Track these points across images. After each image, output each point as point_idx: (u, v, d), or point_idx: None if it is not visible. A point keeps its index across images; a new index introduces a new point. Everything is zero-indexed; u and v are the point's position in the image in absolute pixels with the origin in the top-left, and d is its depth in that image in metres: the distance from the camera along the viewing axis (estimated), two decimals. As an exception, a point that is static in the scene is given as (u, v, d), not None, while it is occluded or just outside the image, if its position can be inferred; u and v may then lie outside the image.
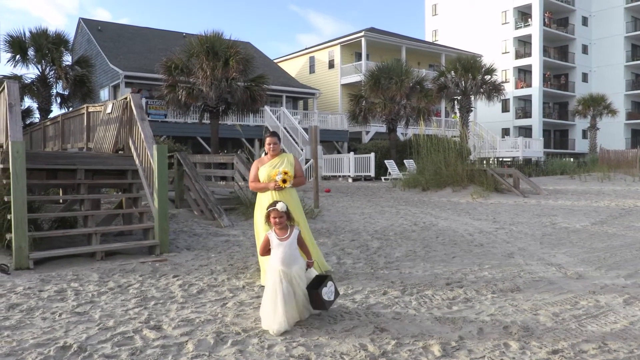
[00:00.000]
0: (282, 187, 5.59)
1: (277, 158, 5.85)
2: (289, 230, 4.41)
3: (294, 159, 5.91)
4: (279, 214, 4.35)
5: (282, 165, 5.73)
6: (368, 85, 25.24)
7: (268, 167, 5.79)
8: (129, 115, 9.03)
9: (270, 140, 5.85)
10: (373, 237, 8.96)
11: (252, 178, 5.92)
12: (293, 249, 4.34)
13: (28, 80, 22.17)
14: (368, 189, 18.54)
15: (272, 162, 5.83)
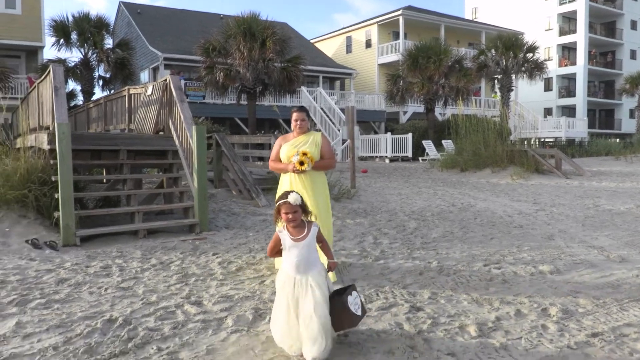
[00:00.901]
0: (300, 169, 4.94)
1: (302, 136, 5.17)
2: (306, 227, 3.45)
3: (321, 139, 5.21)
4: (292, 208, 3.37)
5: (305, 145, 5.06)
6: (406, 65, 24.91)
7: (290, 145, 5.13)
8: (169, 97, 9.19)
9: (298, 116, 5.17)
10: (410, 217, 8.94)
11: (272, 156, 5.30)
12: (311, 251, 3.41)
13: (72, 63, 22.78)
14: (405, 170, 18.43)
15: (296, 140, 5.16)
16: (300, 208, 3.40)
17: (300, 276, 3.34)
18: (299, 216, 3.41)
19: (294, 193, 3.42)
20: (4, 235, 6.60)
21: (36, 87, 10.10)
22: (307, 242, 3.40)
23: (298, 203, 3.38)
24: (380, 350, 3.40)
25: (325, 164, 5.20)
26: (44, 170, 7.44)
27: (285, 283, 3.36)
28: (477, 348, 3.45)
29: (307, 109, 5.33)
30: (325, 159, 5.20)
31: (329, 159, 5.24)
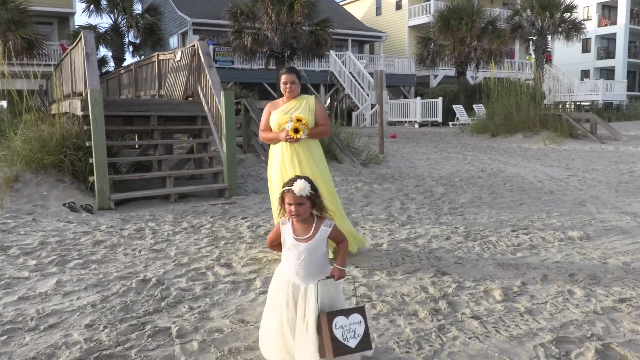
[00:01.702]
0: (295, 138, 4.46)
1: (293, 101, 4.66)
2: (314, 226, 2.71)
3: (315, 103, 4.71)
4: (296, 199, 2.62)
5: (298, 111, 4.58)
6: (437, 27, 24.33)
7: (280, 112, 4.63)
8: (197, 63, 9.24)
9: (287, 78, 4.60)
10: (438, 182, 8.90)
11: (262, 126, 4.77)
12: (318, 256, 2.68)
13: (102, 29, 22.97)
14: (434, 135, 18.24)
15: (286, 106, 4.66)
16: (308, 200, 2.65)
17: (299, 283, 2.69)
18: (305, 210, 2.65)
19: (302, 180, 2.65)
20: (42, 198, 6.84)
21: (68, 53, 10.26)
22: (312, 245, 2.67)
23: (305, 194, 2.62)
24: (404, 313, 3.47)
25: (320, 131, 4.72)
26: (79, 135, 7.64)
27: (281, 288, 2.74)
28: (502, 312, 3.48)
29: (297, 70, 4.78)
30: (319, 125, 4.72)
31: (324, 125, 4.74)
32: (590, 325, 3.27)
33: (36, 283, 4.03)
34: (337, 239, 2.80)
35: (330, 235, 2.73)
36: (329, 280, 2.68)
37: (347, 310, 2.60)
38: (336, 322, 2.54)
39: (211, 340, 3.06)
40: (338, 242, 2.81)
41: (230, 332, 3.18)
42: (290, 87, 4.62)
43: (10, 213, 6.22)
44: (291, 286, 2.69)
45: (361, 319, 2.59)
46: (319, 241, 2.67)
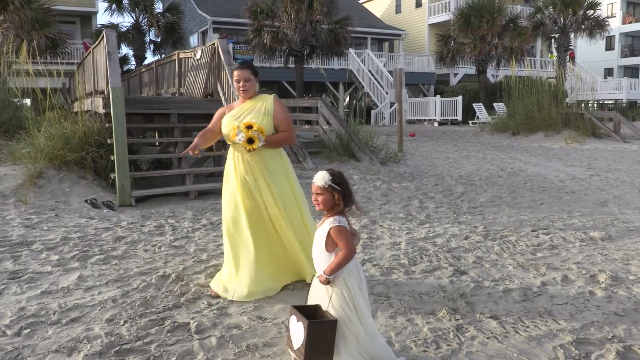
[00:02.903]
0: (251, 149, 3.66)
1: (248, 103, 3.86)
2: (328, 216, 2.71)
3: (274, 104, 3.85)
4: (316, 188, 2.69)
5: (250, 115, 3.75)
6: (457, 25, 24.18)
7: (230, 117, 3.82)
8: (217, 61, 9.30)
9: (239, 75, 3.80)
10: (457, 181, 8.84)
11: (210, 125, 4.01)
12: (319, 248, 2.71)
13: (124, 28, 23.25)
14: (454, 133, 18.11)
15: (239, 109, 3.84)
16: (328, 192, 2.64)
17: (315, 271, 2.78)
18: (324, 201, 2.65)
19: (323, 172, 2.68)
20: (65, 195, 6.95)
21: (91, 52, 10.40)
22: (317, 235, 2.74)
23: (323, 184, 2.63)
24: (421, 312, 3.46)
25: (281, 138, 3.84)
26: (100, 133, 7.74)
27: None
28: (521, 312, 3.45)
29: (252, 65, 3.97)
30: (280, 132, 3.83)
31: (286, 131, 3.85)
32: (612, 327, 3.22)
33: (58, 278, 4.11)
34: (338, 243, 2.64)
35: (332, 235, 2.63)
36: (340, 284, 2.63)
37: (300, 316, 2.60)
38: (292, 317, 2.69)
39: (229, 336, 3.09)
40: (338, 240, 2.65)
41: (248, 328, 3.21)
42: (244, 86, 3.80)
43: (33, 209, 6.33)
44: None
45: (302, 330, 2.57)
46: (321, 235, 2.69)
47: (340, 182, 2.66)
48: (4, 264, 4.40)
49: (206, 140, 3.92)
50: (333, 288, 2.63)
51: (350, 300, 2.61)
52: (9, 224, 5.67)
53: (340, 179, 2.67)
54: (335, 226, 2.62)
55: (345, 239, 2.62)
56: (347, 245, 2.62)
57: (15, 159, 7.53)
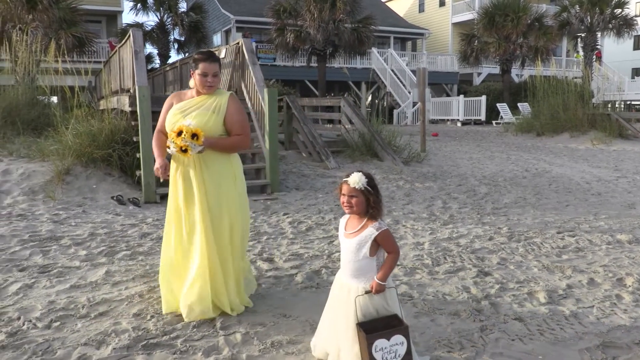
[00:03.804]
0: (186, 157, 3.24)
1: (202, 97, 3.38)
2: (364, 222, 2.59)
3: (229, 102, 3.38)
4: (350, 190, 2.55)
5: (197, 112, 3.31)
6: (481, 24, 23.93)
7: (177, 110, 3.38)
8: (241, 60, 9.37)
9: (208, 69, 3.29)
10: (481, 182, 8.77)
11: (158, 124, 3.54)
12: (361, 257, 2.57)
13: (148, 27, 23.53)
14: (477, 133, 17.94)
15: (188, 102, 3.39)
16: (363, 195, 2.54)
17: (346, 280, 2.64)
18: (358, 203, 2.55)
19: (359, 173, 2.55)
20: (92, 191, 7.08)
21: (117, 51, 10.56)
22: (354, 242, 2.58)
23: (359, 187, 2.52)
24: (445, 312, 3.45)
25: (233, 143, 3.38)
26: (126, 131, 7.86)
27: (335, 279, 2.76)
28: (546, 314, 3.42)
29: (219, 58, 3.46)
30: (232, 135, 3.38)
31: (239, 135, 3.38)
32: (639, 331, 3.18)
33: (87, 272, 4.19)
34: (386, 247, 2.58)
35: (378, 240, 2.54)
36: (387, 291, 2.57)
37: (389, 332, 2.49)
38: (376, 345, 2.45)
39: (254, 333, 3.12)
40: (387, 252, 2.59)
41: (272, 325, 3.24)
42: (211, 81, 3.33)
43: (61, 205, 6.46)
44: (338, 281, 2.69)
45: (403, 340, 2.51)
46: (361, 240, 2.56)
47: (375, 185, 2.59)
48: (34, 258, 4.51)
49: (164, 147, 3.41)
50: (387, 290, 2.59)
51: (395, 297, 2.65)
52: (38, 219, 5.80)
53: (374, 182, 2.60)
54: (383, 230, 2.55)
55: (393, 241, 2.61)
56: (396, 247, 2.61)
57: (44, 155, 7.68)
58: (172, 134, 3.19)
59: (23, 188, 6.84)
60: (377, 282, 2.54)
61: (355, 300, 2.54)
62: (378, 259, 2.59)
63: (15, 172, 7.20)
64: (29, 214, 6.01)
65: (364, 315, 2.55)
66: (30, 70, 10.96)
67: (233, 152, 3.43)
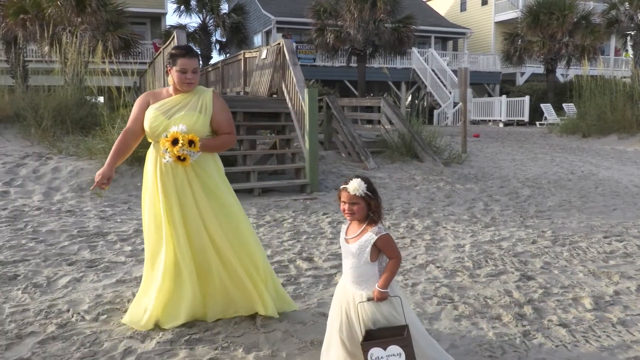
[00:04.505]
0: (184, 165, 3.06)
1: (182, 96, 3.17)
2: (364, 227, 2.52)
3: (213, 100, 3.19)
4: (351, 198, 2.49)
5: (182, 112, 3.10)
6: (525, 22, 23.39)
7: (156, 110, 3.13)
8: (282, 60, 9.45)
9: (187, 65, 3.08)
10: (524, 184, 8.59)
11: (129, 123, 3.25)
12: (362, 263, 2.50)
13: (191, 29, 23.98)
14: (520, 135, 17.57)
15: (169, 102, 3.16)
16: (364, 201, 2.48)
17: (350, 287, 2.58)
18: (359, 210, 2.49)
19: (358, 180, 2.49)
20: (136, 189, 7.27)
21: (162, 52, 10.80)
22: (354, 248, 2.51)
23: (359, 193, 2.46)
24: (487, 316, 3.40)
25: (223, 143, 3.25)
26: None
27: (338, 285, 2.70)
28: (592, 321, 3.33)
29: (198, 54, 3.27)
30: (222, 134, 3.22)
31: (228, 133, 3.24)
32: (692, 341, 3.06)
33: (132, 268, 4.31)
34: (386, 252, 2.50)
35: (378, 245, 2.48)
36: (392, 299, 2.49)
37: (385, 341, 2.41)
38: (372, 353, 2.40)
39: (294, 331, 3.15)
40: (388, 258, 2.51)
41: (312, 324, 3.26)
42: (191, 78, 3.11)
43: (108, 202, 6.66)
44: (342, 287, 2.63)
45: (400, 351, 2.39)
46: (361, 245, 2.49)
47: (374, 189, 2.53)
48: (82, 253, 4.67)
49: (125, 152, 3.24)
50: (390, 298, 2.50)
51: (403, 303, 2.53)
52: (86, 215, 6.00)
53: (373, 187, 2.53)
54: (383, 235, 2.48)
55: (394, 246, 2.53)
56: (397, 252, 2.53)
57: (91, 154, 7.93)
58: (165, 143, 2.97)
59: (72, 185, 7.09)
60: (378, 290, 2.46)
61: (357, 306, 2.49)
62: (380, 264, 2.52)
63: (64, 170, 7.47)
64: (77, 210, 6.22)
65: (373, 322, 2.48)
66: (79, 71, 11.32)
67: (221, 151, 3.31)
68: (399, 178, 8.87)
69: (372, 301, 2.47)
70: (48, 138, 8.70)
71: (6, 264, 4.30)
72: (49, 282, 3.94)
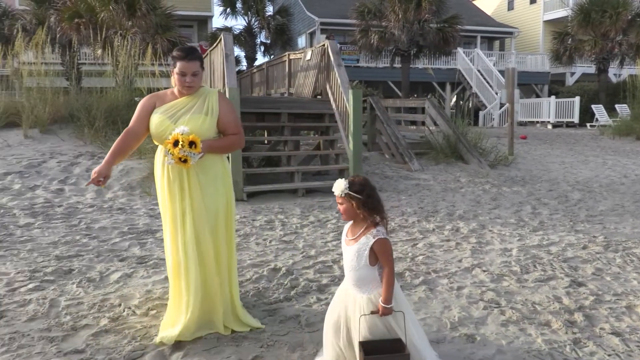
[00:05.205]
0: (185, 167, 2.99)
1: (187, 98, 3.12)
2: (363, 229, 2.48)
3: (219, 101, 3.15)
4: (337, 198, 2.50)
5: (188, 114, 3.05)
6: (576, 21, 22.69)
7: (162, 114, 3.08)
8: (327, 62, 9.48)
9: (187, 68, 3.03)
10: (574, 188, 8.35)
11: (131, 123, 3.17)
12: (361, 266, 2.45)
13: (237, 31, 24.35)
14: (570, 136, 17.05)
15: (174, 105, 3.11)
16: (348, 201, 2.45)
17: (351, 290, 2.54)
18: (346, 210, 2.47)
19: (340, 180, 2.48)
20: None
21: (208, 54, 11.02)
22: (352, 250, 2.47)
23: (340, 193, 2.45)
24: (535, 322, 3.33)
25: (229, 143, 3.20)
26: (216, 130, 8.17)
27: (340, 287, 2.67)
28: (647, 330, 3.21)
29: (200, 55, 3.18)
30: (228, 135, 3.17)
31: (235, 134, 3.19)
32: None
33: (180, 265, 4.40)
34: (380, 258, 2.44)
35: (374, 249, 2.42)
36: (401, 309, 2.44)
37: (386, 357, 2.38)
38: None
39: (338, 332, 3.16)
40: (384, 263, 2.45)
41: (356, 325, 3.26)
42: (191, 81, 3.06)
43: (156, 200, 6.83)
44: (343, 291, 2.60)
45: None
46: (360, 248, 2.44)
47: (361, 190, 2.44)
48: (132, 250, 4.81)
49: (125, 152, 3.19)
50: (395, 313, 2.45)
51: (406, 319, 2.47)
52: (136, 213, 6.18)
53: (361, 187, 2.45)
54: (380, 239, 2.41)
55: (390, 253, 2.45)
56: (390, 260, 2.44)
57: (141, 153, 8.15)
58: (167, 145, 2.93)
59: (122, 183, 7.31)
60: (383, 306, 2.41)
61: (359, 319, 2.44)
62: (380, 268, 2.47)
63: (115, 169, 7.70)
64: (127, 207, 6.42)
65: (372, 333, 2.45)
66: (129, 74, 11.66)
67: (229, 152, 3.18)
68: (443, 180, 8.77)
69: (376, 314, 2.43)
70: (100, 138, 9.00)
71: (62, 259, 4.48)
72: (102, 277, 4.09)
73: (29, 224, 5.54)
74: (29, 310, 3.42)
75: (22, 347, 2.93)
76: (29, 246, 4.81)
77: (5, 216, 5.76)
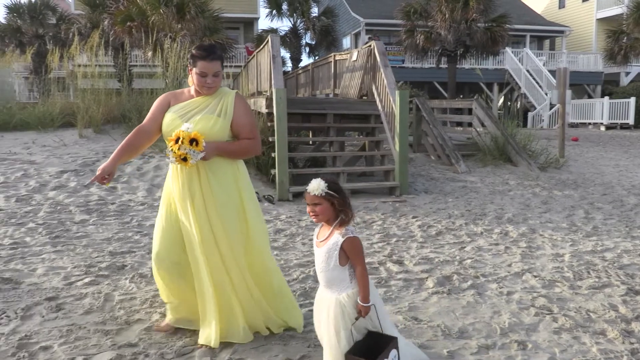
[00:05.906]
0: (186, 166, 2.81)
1: (203, 98, 3.00)
2: (331, 230, 2.45)
3: (236, 102, 3.00)
4: (312, 198, 2.43)
5: (199, 115, 2.93)
6: (632, 18, 21.81)
7: (174, 113, 2.98)
8: (373, 62, 9.44)
9: (208, 68, 2.89)
10: (629, 192, 8.04)
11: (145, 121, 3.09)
12: (332, 267, 2.43)
13: (282, 32, 24.55)
14: (624, 139, 16.43)
15: (188, 104, 3.00)
16: (326, 201, 2.40)
17: (324, 292, 2.53)
18: (322, 211, 2.42)
19: (317, 179, 2.42)
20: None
21: (255, 56, 11.15)
22: (322, 251, 2.45)
23: (318, 193, 2.38)
24: (589, 330, 3.22)
25: (242, 149, 3.02)
26: (262, 131, 8.28)
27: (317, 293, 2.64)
28: None
29: (222, 54, 3.01)
30: (242, 139, 3.01)
31: (250, 139, 3.02)
32: None
33: (228, 263, 4.47)
34: (350, 257, 2.41)
35: (344, 248, 2.39)
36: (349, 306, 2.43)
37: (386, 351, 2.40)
38: None
39: (386, 334, 3.14)
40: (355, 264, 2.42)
41: (403, 327, 3.24)
42: (212, 82, 2.93)
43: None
44: (319, 295, 2.58)
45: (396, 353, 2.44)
46: (329, 249, 2.41)
47: (339, 188, 2.45)
48: (182, 248, 4.91)
49: (134, 150, 3.11)
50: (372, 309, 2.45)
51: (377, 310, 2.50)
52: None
53: (337, 186, 2.45)
54: (350, 237, 2.38)
55: (361, 251, 2.44)
56: (361, 258, 2.44)
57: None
58: (170, 142, 2.81)
59: (171, 183, 7.48)
60: (362, 305, 2.40)
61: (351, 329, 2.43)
62: (351, 268, 2.45)
63: (164, 168, 7.89)
64: (176, 206, 6.56)
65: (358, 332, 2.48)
66: (179, 75, 11.93)
67: (242, 158, 3.08)
68: (491, 182, 8.60)
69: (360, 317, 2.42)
70: (150, 138, 9.24)
71: (115, 255, 4.63)
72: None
73: (84, 220, 5.74)
74: (85, 304, 3.54)
75: (79, 339, 3.05)
76: (84, 242, 4.99)
77: (62, 212, 5.99)
